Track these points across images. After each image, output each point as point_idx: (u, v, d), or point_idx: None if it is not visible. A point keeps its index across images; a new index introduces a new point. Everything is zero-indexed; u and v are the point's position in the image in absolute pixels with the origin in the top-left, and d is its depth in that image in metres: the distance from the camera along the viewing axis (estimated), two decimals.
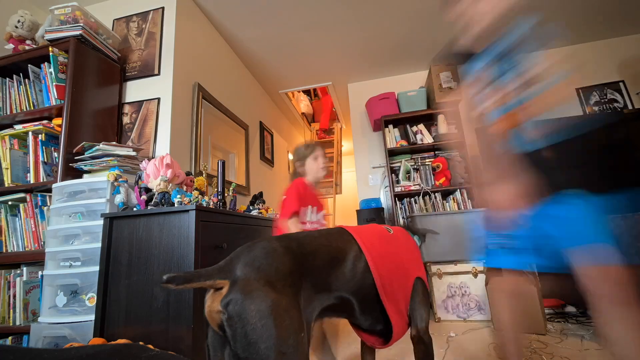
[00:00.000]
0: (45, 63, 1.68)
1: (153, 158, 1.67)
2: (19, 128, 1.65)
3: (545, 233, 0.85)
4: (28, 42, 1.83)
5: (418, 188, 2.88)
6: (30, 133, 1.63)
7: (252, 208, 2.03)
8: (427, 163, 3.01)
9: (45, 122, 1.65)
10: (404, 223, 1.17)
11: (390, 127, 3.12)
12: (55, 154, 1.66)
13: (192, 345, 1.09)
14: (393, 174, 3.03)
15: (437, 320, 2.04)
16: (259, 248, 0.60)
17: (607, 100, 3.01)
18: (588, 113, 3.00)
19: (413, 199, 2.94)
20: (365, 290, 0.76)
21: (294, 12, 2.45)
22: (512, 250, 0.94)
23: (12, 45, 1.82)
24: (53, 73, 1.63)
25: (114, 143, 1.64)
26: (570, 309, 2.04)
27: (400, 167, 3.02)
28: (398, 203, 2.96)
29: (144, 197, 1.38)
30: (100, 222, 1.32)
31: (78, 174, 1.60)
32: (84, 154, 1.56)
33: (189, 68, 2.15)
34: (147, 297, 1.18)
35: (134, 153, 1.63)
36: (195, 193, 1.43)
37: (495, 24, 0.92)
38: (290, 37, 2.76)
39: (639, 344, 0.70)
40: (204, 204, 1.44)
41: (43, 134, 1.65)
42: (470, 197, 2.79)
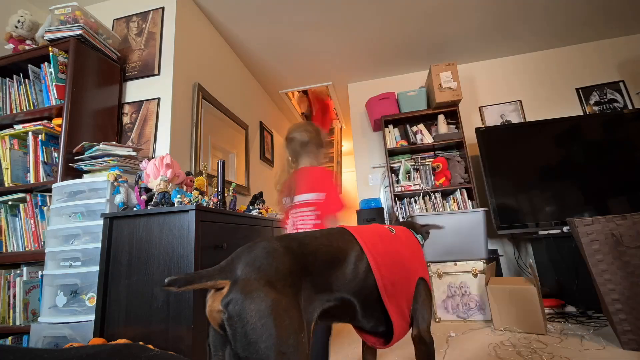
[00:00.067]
0: (45, 63, 1.69)
1: (153, 158, 1.67)
2: (19, 128, 1.65)
3: None
4: (28, 42, 1.83)
5: (418, 188, 2.88)
6: (30, 133, 1.63)
7: (252, 208, 2.04)
8: (427, 163, 3.01)
9: (45, 122, 1.65)
10: (407, 220, 1.16)
11: (390, 127, 3.12)
12: (55, 154, 1.66)
13: (192, 345, 1.09)
14: (393, 174, 3.03)
15: (437, 320, 2.04)
16: (260, 248, 0.60)
17: (607, 100, 3.01)
18: (588, 113, 3.00)
19: (413, 199, 2.94)
20: (367, 291, 0.75)
21: (294, 12, 2.45)
22: None
23: (12, 45, 1.82)
24: (53, 73, 1.63)
25: (114, 143, 1.64)
26: (570, 309, 2.04)
27: (400, 167, 3.02)
28: (398, 203, 2.96)
29: (144, 197, 1.38)
30: (100, 222, 1.32)
31: (78, 174, 1.60)
32: (84, 154, 1.56)
33: (189, 68, 2.15)
34: (147, 297, 1.18)
35: (134, 153, 1.63)
36: (195, 193, 1.43)
37: None
38: (290, 37, 2.76)
39: None
40: (204, 204, 1.43)
41: (43, 134, 1.65)
42: (470, 197, 2.79)
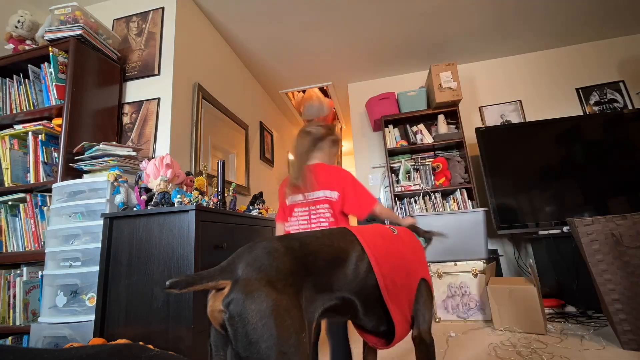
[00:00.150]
0: (45, 63, 1.68)
1: (153, 158, 1.67)
2: (19, 128, 1.65)
3: None
4: (28, 42, 1.83)
5: (418, 188, 2.88)
6: (30, 133, 1.63)
7: (252, 208, 2.03)
8: (427, 163, 3.01)
9: (45, 122, 1.65)
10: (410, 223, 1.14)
11: (390, 127, 3.12)
12: (55, 154, 1.66)
13: (192, 346, 1.09)
14: (393, 174, 3.03)
15: (437, 320, 2.04)
16: (260, 248, 0.60)
17: (607, 100, 3.01)
18: (588, 113, 3.00)
19: (413, 199, 2.94)
20: (368, 291, 0.75)
21: (294, 12, 2.45)
22: None
23: (12, 45, 1.82)
24: (53, 73, 1.63)
25: (114, 143, 1.64)
26: (570, 309, 2.04)
27: (400, 167, 3.02)
28: (398, 203, 2.96)
29: (144, 197, 1.38)
30: (100, 222, 1.32)
31: (78, 174, 1.60)
32: (84, 154, 1.56)
33: (189, 68, 2.15)
34: (147, 297, 1.18)
35: (134, 153, 1.63)
36: (195, 193, 1.43)
37: None
38: (290, 37, 2.76)
39: None
40: (204, 204, 1.43)
41: (43, 134, 1.65)
42: (470, 197, 2.79)
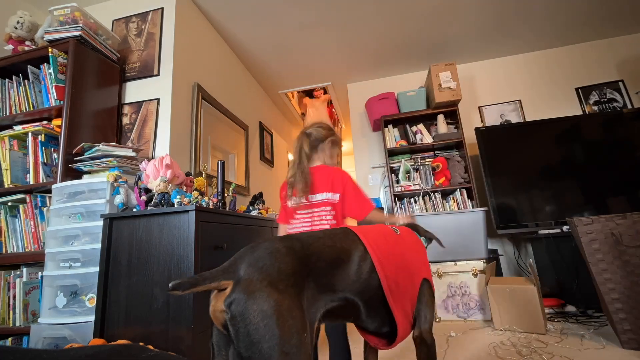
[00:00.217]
0: (45, 64, 1.68)
1: (153, 159, 1.67)
2: (19, 129, 1.65)
3: None
4: (27, 42, 1.83)
5: (418, 188, 2.88)
6: (30, 134, 1.63)
7: (252, 208, 2.03)
8: (426, 163, 3.01)
9: (45, 122, 1.64)
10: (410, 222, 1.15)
11: (390, 127, 3.13)
12: (55, 155, 1.66)
13: (192, 346, 1.09)
14: (393, 174, 3.03)
15: (437, 320, 2.04)
16: (262, 249, 0.60)
17: (606, 100, 3.02)
18: (587, 112, 3.01)
19: (413, 199, 2.94)
20: (371, 292, 0.75)
21: (294, 12, 2.45)
22: None
23: (11, 46, 1.82)
24: (52, 74, 1.63)
25: (114, 144, 1.64)
26: (570, 309, 2.04)
27: (400, 167, 3.02)
28: (398, 203, 2.96)
29: (144, 197, 1.38)
30: (100, 222, 1.32)
31: (78, 175, 1.60)
32: (84, 155, 1.56)
33: (189, 68, 2.15)
34: (147, 297, 1.18)
35: (134, 154, 1.63)
36: (195, 193, 1.43)
37: None
38: (290, 37, 2.76)
39: None
40: (204, 205, 1.43)
41: (43, 135, 1.65)
42: (470, 196, 2.79)
